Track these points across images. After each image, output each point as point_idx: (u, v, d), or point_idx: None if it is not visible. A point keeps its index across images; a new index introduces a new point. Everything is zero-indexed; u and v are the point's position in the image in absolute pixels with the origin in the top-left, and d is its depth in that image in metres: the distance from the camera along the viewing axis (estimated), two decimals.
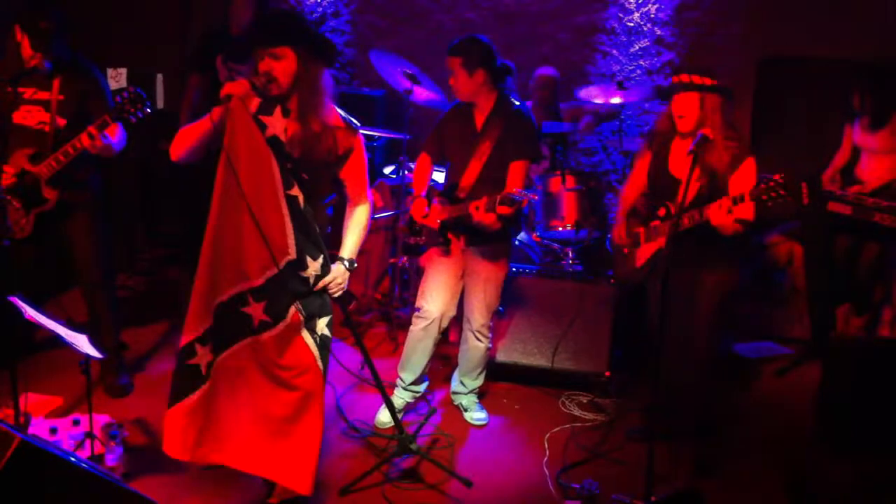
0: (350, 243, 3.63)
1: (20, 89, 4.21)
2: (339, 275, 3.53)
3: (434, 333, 4.54)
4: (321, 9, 7.61)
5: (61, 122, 4.31)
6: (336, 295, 3.56)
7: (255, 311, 3.42)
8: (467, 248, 4.46)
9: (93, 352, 3.78)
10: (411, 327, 4.60)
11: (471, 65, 4.24)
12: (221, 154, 3.30)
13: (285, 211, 3.33)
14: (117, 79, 6.44)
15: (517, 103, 4.42)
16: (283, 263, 3.37)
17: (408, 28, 7.43)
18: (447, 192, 4.44)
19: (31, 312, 3.80)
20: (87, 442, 3.97)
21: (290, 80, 3.34)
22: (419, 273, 4.98)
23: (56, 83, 4.29)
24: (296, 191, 3.35)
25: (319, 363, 3.48)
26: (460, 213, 4.28)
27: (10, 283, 4.21)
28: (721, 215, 3.78)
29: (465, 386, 4.73)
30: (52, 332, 3.79)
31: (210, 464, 3.63)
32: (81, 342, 3.76)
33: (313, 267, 3.44)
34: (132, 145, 4.54)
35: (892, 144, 5.34)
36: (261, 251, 3.35)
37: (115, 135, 4.28)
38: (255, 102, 3.38)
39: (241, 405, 3.54)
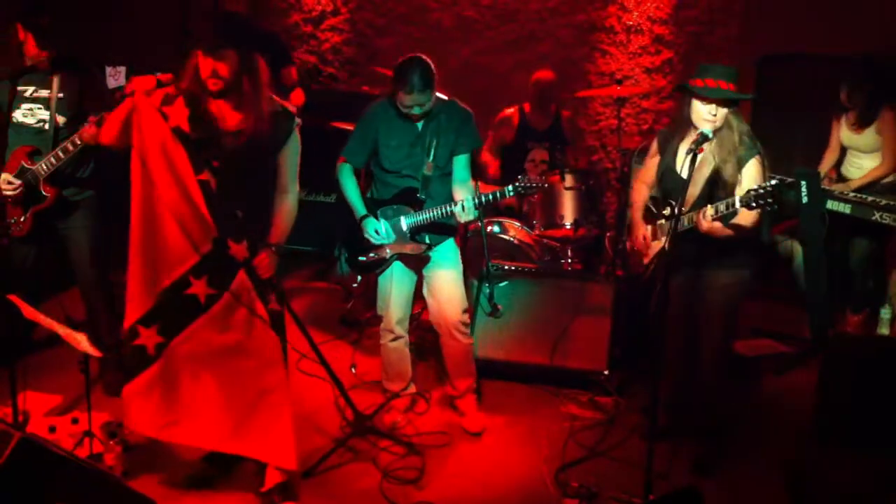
0: (277, 229, 3.75)
1: (20, 87, 4.21)
2: (265, 257, 3.65)
3: (405, 340, 4.60)
4: (320, 7, 7.61)
5: (60, 119, 4.31)
6: (264, 277, 3.67)
7: (199, 287, 3.59)
8: (432, 248, 4.43)
9: (92, 350, 3.78)
10: (382, 341, 4.61)
11: (433, 81, 4.20)
12: (132, 149, 3.49)
13: (199, 195, 3.50)
14: (116, 77, 6.40)
15: (445, 97, 4.38)
16: (210, 240, 3.55)
17: (407, 26, 7.43)
18: (405, 199, 4.38)
19: (30, 311, 3.80)
20: (87, 440, 3.97)
21: (232, 78, 3.53)
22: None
23: (55, 81, 4.29)
24: (206, 175, 3.54)
25: (272, 331, 3.63)
26: (431, 215, 4.29)
27: (10, 281, 4.22)
28: (705, 223, 3.80)
29: (456, 388, 4.68)
30: (51, 330, 3.79)
31: (180, 443, 3.85)
32: (80, 341, 3.76)
33: (237, 249, 3.59)
34: None
35: (876, 143, 5.37)
36: (190, 233, 3.52)
37: None
38: (159, 95, 3.57)
39: (208, 386, 3.67)
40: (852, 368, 4.34)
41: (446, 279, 4.47)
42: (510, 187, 4.21)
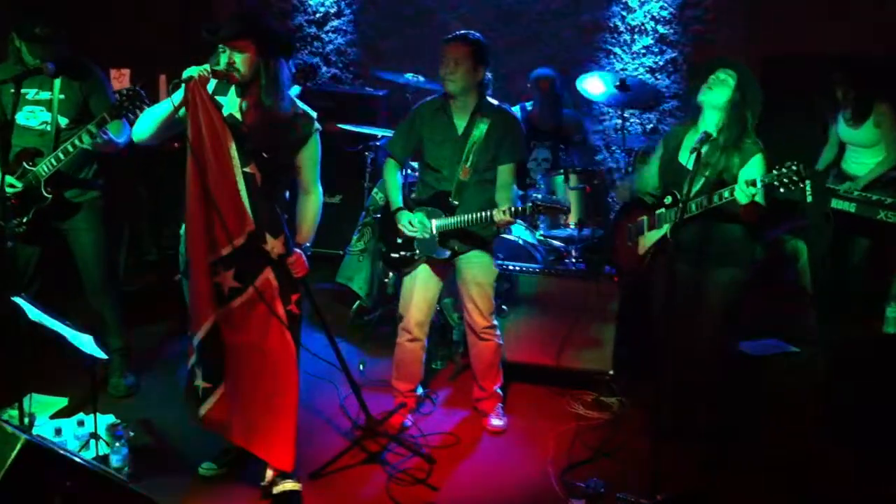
0: (304, 230, 3.84)
1: (22, 90, 4.22)
2: (300, 256, 3.72)
3: (422, 344, 4.58)
4: (324, 8, 7.62)
5: (63, 121, 4.32)
6: (299, 275, 3.72)
7: (225, 279, 3.58)
8: (457, 256, 4.41)
9: (97, 352, 3.78)
10: (398, 339, 4.59)
11: (477, 57, 4.20)
12: (188, 134, 3.49)
13: (242, 186, 3.51)
14: (120, 79, 6.44)
15: (496, 102, 4.37)
16: (245, 234, 3.54)
17: (410, 27, 7.43)
18: (437, 201, 4.36)
19: (35, 313, 3.80)
20: (93, 442, 3.97)
21: (250, 71, 3.55)
22: None
23: (57, 83, 4.30)
24: (252, 168, 3.55)
25: (288, 334, 3.62)
26: (461, 221, 4.23)
27: (15, 283, 4.22)
28: (743, 195, 3.73)
29: (484, 390, 4.67)
30: (57, 333, 3.79)
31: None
32: (86, 343, 3.77)
33: (274, 244, 3.61)
34: (136, 145, 4.54)
35: (875, 137, 5.41)
36: (226, 223, 3.50)
37: (119, 131, 4.30)
38: (212, 84, 3.59)
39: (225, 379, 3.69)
40: (857, 367, 4.34)
41: (472, 288, 4.44)
42: (529, 204, 4.19)
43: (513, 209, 4.11)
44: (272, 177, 3.66)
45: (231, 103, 3.65)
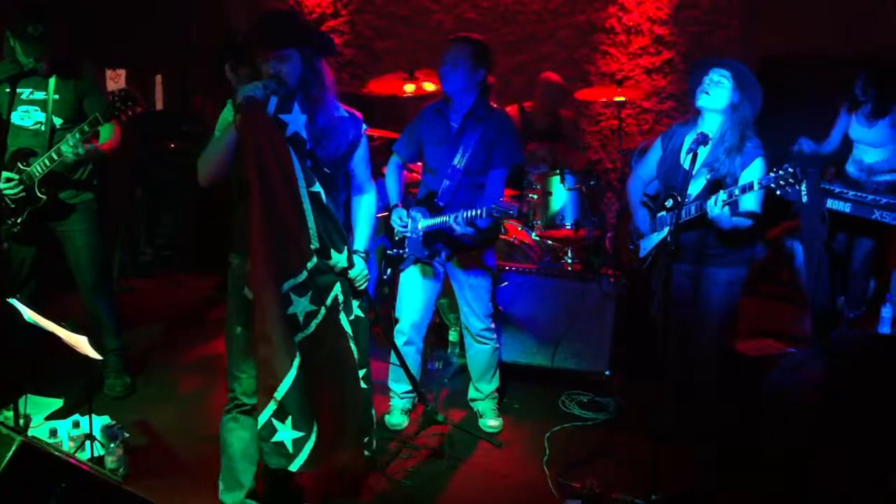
0: (363, 234, 3.68)
1: (17, 90, 4.21)
2: (364, 267, 3.56)
3: (418, 347, 4.58)
4: (320, 9, 7.62)
5: (58, 121, 4.32)
6: (361, 287, 3.56)
7: (300, 305, 3.38)
8: (450, 259, 4.40)
9: (93, 353, 3.78)
10: (394, 342, 4.55)
11: (478, 59, 4.19)
12: (245, 160, 3.25)
13: (308, 208, 3.33)
14: (116, 80, 6.44)
15: (495, 105, 4.35)
16: (314, 254, 3.37)
17: (407, 28, 7.44)
18: (426, 201, 4.36)
19: (30, 314, 3.80)
20: (88, 443, 3.97)
21: (296, 80, 3.33)
22: None
23: (52, 83, 4.29)
24: (318, 187, 3.36)
25: (351, 343, 3.47)
26: (443, 223, 4.21)
27: (10, 284, 4.22)
28: (716, 209, 3.79)
29: (480, 392, 4.68)
30: (52, 334, 3.79)
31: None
32: (81, 344, 3.76)
33: (338, 258, 3.44)
34: (132, 146, 4.54)
35: (885, 136, 5.41)
36: (300, 248, 3.34)
37: (110, 133, 4.30)
38: (273, 103, 3.33)
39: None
40: (854, 368, 4.34)
41: (466, 290, 4.44)
42: (485, 210, 4.05)
43: (466, 216, 4.04)
44: (335, 190, 3.50)
45: (296, 121, 3.38)
